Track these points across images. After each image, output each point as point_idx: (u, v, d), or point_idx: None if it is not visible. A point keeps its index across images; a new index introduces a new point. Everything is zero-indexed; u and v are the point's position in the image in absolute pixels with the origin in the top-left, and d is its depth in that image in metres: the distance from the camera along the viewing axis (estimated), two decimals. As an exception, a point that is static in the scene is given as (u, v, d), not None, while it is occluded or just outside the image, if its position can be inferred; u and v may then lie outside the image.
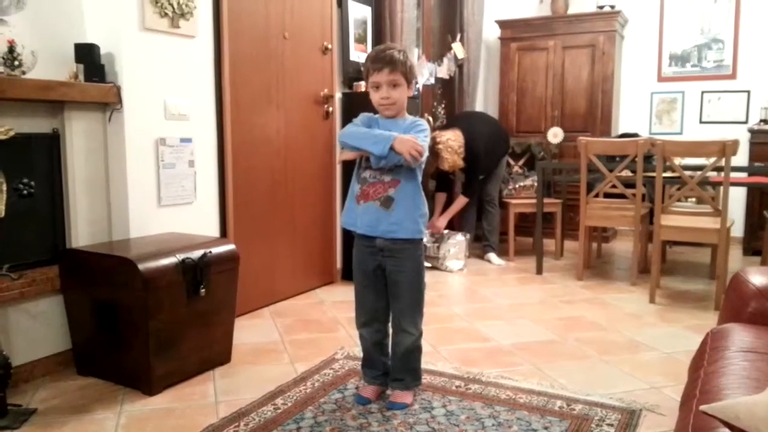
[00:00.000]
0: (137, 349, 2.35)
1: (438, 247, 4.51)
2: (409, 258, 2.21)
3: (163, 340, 2.36)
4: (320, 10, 3.82)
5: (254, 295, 3.40)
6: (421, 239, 2.25)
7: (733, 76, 5.48)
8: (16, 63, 2.30)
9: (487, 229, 4.85)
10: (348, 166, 2.34)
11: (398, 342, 2.27)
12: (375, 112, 2.25)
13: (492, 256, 4.78)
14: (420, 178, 2.22)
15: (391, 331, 2.31)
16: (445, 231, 4.61)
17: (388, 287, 2.25)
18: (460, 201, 4.75)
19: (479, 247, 4.94)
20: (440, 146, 4.41)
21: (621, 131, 5.67)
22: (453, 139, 4.46)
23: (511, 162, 5.23)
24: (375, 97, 2.17)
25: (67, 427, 2.11)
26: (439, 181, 4.85)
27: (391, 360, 2.32)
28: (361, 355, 2.42)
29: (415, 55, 4.80)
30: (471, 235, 4.91)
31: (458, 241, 4.56)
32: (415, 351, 2.30)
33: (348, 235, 2.34)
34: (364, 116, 2.25)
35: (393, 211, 2.15)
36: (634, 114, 5.86)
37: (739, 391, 1.30)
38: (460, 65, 5.33)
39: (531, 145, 5.37)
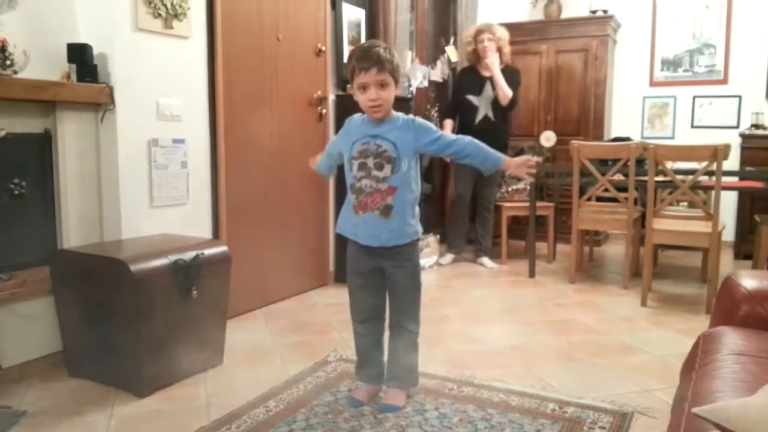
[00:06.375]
0: (128, 351, 2.33)
1: None
2: (408, 258, 2.21)
3: (154, 342, 2.35)
4: (314, 12, 3.82)
5: (246, 297, 3.39)
6: (418, 239, 2.25)
7: (724, 81, 5.51)
8: (8, 63, 2.29)
9: (481, 233, 4.85)
10: (340, 169, 2.33)
11: (397, 340, 2.27)
12: (362, 112, 2.19)
13: (485, 259, 4.78)
14: (415, 176, 2.20)
15: (388, 329, 2.31)
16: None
17: (387, 287, 2.25)
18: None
19: (473, 250, 4.94)
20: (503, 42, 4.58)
21: (613, 135, 5.70)
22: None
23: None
24: (362, 99, 2.10)
25: (58, 430, 2.09)
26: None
27: (388, 358, 2.32)
28: (353, 357, 2.41)
29: (408, 58, 4.80)
30: (463, 239, 4.90)
31: (429, 241, 4.70)
32: (414, 349, 2.30)
33: (341, 238, 2.33)
34: (353, 122, 2.21)
35: (392, 219, 2.13)
36: (627, 118, 5.88)
37: (731, 393, 1.30)
38: (453, 68, 5.33)
39: (523, 149, 5.38)
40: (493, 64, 4.53)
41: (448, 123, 4.83)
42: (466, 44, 4.76)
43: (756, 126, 5.24)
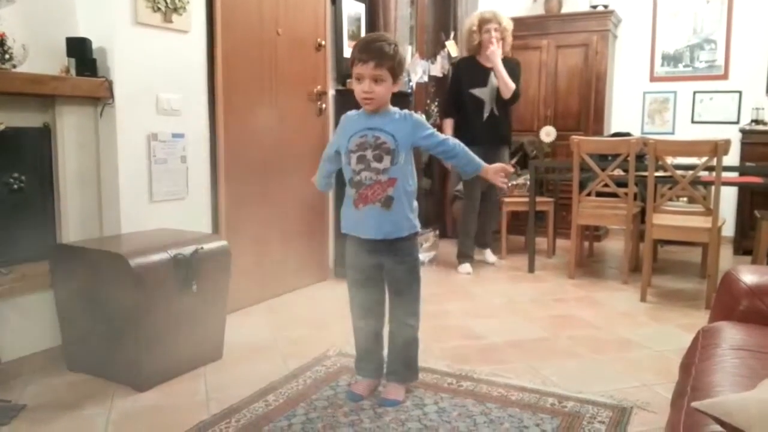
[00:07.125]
0: (128, 345, 2.34)
1: None
2: (408, 253, 2.22)
3: (154, 337, 2.35)
4: (314, 6, 3.81)
5: (246, 292, 3.39)
6: (417, 233, 2.25)
7: (725, 76, 5.51)
8: (7, 56, 2.28)
9: (482, 228, 4.82)
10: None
11: (397, 334, 2.27)
12: (359, 108, 2.19)
13: (487, 254, 4.76)
14: (412, 171, 2.20)
15: (388, 324, 2.31)
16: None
17: (387, 282, 2.25)
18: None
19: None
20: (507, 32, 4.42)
21: (613, 130, 5.70)
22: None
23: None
24: (357, 89, 2.10)
25: (57, 424, 2.10)
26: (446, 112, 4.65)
27: (388, 353, 2.32)
28: (353, 352, 2.41)
29: (408, 53, 4.79)
30: (473, 233, 4.78)
31: (429, 236, 4.71)
32: (414, 343, 2.30)
33: (341, 232, 2.33)
34: (348, 117, 2.21)
35: (393, 210, 2.14)
36: (627, 113, 5.88)
37: (731, 388, 1.30)
38: (453, 63, 5.32)
39: (524, 144, 5.38)
40: (494, 55, 4.30)
41: (449, 123, 4.55)
42: (469, 32, 4.48)
43: (756, 121, 5.23)
